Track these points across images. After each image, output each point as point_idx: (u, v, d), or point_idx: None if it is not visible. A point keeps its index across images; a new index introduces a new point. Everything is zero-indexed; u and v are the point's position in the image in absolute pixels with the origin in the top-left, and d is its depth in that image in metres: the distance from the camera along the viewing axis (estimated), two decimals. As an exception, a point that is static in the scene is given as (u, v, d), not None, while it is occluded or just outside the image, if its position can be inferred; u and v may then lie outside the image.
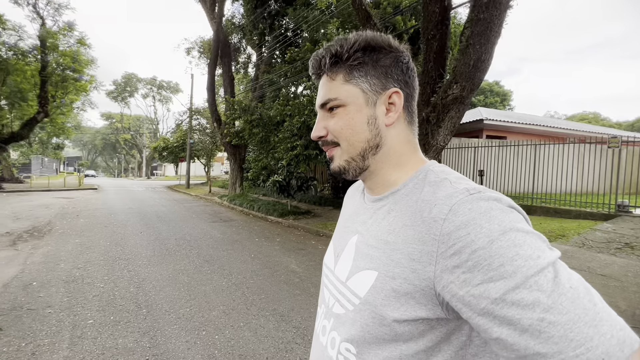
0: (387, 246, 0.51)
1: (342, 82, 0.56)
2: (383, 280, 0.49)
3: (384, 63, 0.56)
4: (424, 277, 0.45)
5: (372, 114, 0.56)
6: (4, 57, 15.48)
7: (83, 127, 52.68)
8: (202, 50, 17.91)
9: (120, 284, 3.90)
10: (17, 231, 6.71)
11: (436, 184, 0.51)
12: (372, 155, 0.57)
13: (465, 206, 0.44)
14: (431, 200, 0.48)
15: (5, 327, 2.81)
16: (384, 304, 0.48)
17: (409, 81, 0.58)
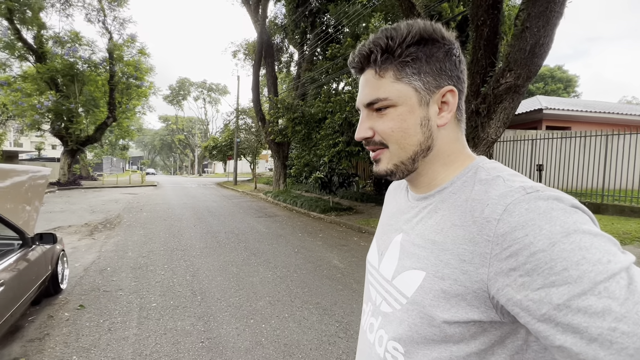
0: (434, 246, 0.49)
1: (392, 80, 0.52)
2: (431, 280, 0.48)
3: (438, 57, 0.52)
4: (476, 279, 0.43)
5: (425, 115, 0.52)
6: (81, 69, 17.59)
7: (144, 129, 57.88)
8: (247, 52, 18.66)
9: (178, 272, 4.27)
10: (94, 223, 7.64)
11: (488, 182, 0.48)
12: (423, 158, 0.54)
13: (521, 206, 0.41)
14: (483, 200, 0.46)
15: (87, 305, 3.24)
16: (432, 304, 0.47)
17: (461, 76, 0.54)
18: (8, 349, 2.47)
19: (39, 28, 16.43)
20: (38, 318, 2.95)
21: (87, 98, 18.11)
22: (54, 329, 2.78)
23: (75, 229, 6.84)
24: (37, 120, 17.02)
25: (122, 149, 34.42)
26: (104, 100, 18.92)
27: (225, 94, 55.35)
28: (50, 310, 3.12)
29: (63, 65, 16.71)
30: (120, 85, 19.00)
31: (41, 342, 2.58)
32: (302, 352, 2.51)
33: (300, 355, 2.47)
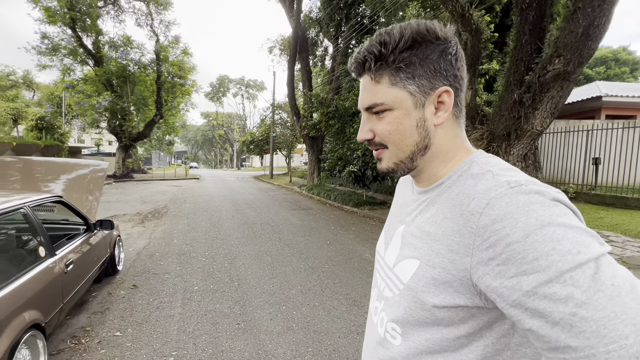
0: (428, 237, 0.53)
1: (387, 86, 0.54)
2: (424, 268, 0.52)
3: (432, 59, 0.53)
4: (461, 268, 0.47)
5: (421, 116, 0.54)
6: (132, 71, 19.05)
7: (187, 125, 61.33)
8: (282, 48, 18.96)
9: (217, 259, 4.58)
10: (144, 212, 8.35)
11: (478, 176, 0.51)
12: (421, 157, 0.57)
13: (502, 200, 0.44)
14: (471, 194, 0.49)
15: (139, 285, 3.60)
16: (424, 290, 0.51)
17: (458, 73, 0.55)
18: (76, 318, 2.85)
19: (97, 34, 18.02)
20: (99, 294, 3.35)
21: (138, 97, 19.61)
22: (112, 304, 3.15)
23: (129, 218, 7.54)
24: (96, 118, 18.78)
25: (168, 144, 36.85)
26: (152, 99, 20.35)
27: (262, 90, 56.77)
28: (109, 288, 3.52)
29: (117, 67, 18.21)
30: (166, 85, 20.30)
31: (102, 314, 2.94)
32: (330, 339, 2.60)
33: (329, 342, 2.57)
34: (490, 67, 8.70)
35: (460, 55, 0.55)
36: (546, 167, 9.28)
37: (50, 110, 19.49)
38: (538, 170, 5.36)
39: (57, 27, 16.66)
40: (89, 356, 2.34)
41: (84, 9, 16.55)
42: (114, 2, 18.44)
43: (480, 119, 5.50)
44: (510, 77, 5.00)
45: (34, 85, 28.82)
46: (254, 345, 2.52)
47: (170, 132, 25.69)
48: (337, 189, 12.66)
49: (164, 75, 19.90)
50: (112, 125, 19.14)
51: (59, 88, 20.89)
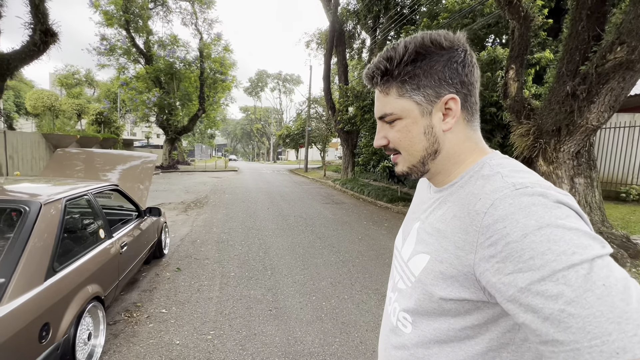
0: (439, 234, 0.57)
1: (395, 97, 0.59)
2: (433, 263, 0.56)
3: (437, 69, 0.57)
4: (465, 264, 0.50)
5: (428, 123, 0.58)
6: (178, 68, 20.20)
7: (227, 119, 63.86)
8: (319, 41, 18.97)
9: (252, 249, 4.80)
10: (187, 201, 8.93)
11: (488, 177, 0.53)
12: (432, 161, 0.61)
13: (506, 201, 0.47)
14: (478, 194, 0.52)
15: (182, 269, 3.91)
16: (432, 283, 0.55)
17: (466, 79, 0.58)
18: (129, 295, 3.18)
19: (148, 34, 19.31)
20: (148, 275, 3.69)
21: (183, 93, 20.80)
22: (159, 284, 3.46)
23: (174, 206, 8.11)
24: (146, 113, 20.26)
25: (209, 137, 38.71)
26: (195, 95, 21.46)
27: (298, 84, 57.38)
28: (157, 269, 3.86)
29: (165, 65, 19.42)
30: (209, 80, 21.28)
31: (151, 293, 3.24)
32: (358, 332, 2.66)
33: (356, 334, 2.62)
34: (542, 56, 8.04)
35: (468, 61, 0.58)
36: (604, 166, 8.44)
37: (107, 105, 21.36)
38: (592, 169, 4.90)
39: (113, 29, 18.13)
40: (140, 329, 2.61)
41: (136, 11, 17.81)
42: (162, 3, 19.60)
43: (527, 114, 5.14)
44: (562, 67, 4.61)
45: (94, 83, 31.70)
46: (284, 331, 2.64)
47: (211, 125, 26.96)
48: (371, 184, 12.55)
49: (206, 71, 20.87)
50: (160, 119, 20.52)
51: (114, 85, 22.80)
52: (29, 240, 1.76)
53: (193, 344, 2.44)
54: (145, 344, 2.42)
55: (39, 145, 12.55)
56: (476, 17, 9.78)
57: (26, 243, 1.74)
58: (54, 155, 4.34)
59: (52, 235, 1.93)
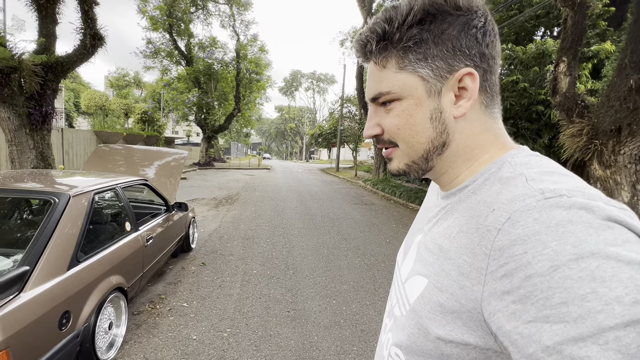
0: (440, 252, 0.44)
1: (394, 71, 0.45)
2: (431, 290, 0.43)
3: (451, 34, 0.43)
4: (471, 297, 0.37)
5: (436, 106, 0.45)
6: (216, 69, 21.00)
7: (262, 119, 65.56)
8: (353, 40, 18.74)
9: (276, 247, 4.79)
10: (219, 197, 9.21)
11: (507, 180, 0.40)
12: (437, 156, 0.47)
13: (529, 215, 0.33)
14: (492, 203, 0.39)
15: (207, 263, 3.98)
16: (429, 317, 0.42)
17: (487, 51, 0.44)
18: (155, 286, 3.28)
19: (189, 37, 20.27)
20: (175, 267, 3.79)
21: (220, 93, 21.59)
22: (184, 277, 3.54)
23: (206, 202, 8.39)
24: (186, 112, 21.28)
25: (245, 136, 39.93)
26: (232, 95, 22.19)
27: (332, 84, 57.43)
28: (183, 263, 3.96)
29: (204, 66, 20.28)
30: (244, 80, 21.90)
31: (175, 285, 3.32)
32: (377, 341, 2.50)
33: (375, 344, 2.47)
34: (600, 48, 7.24)
35: (490, 28, 0.44)
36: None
37: (151, 105, 22.75)
38: (660, 175, 4.29)
39: (158, 33, 19.25)
40: (161, 320, 2.67)
41: (179, 15, 18.76)
42: (203, 7, 20.47)
43: (580, 111, 4.62)
44: (625, 58, 4.07)
45: (141, 84, 34.02)
46: (301, 334, 2.56)
47: (246, 124, 27.76)
48: (403, 185, 12.14)
49: (242, 71, 21.49)
50: (198, 118, 21.48)
51: (159, 86, 24.22)
52: (55, 231, 1.83)
53: (209, 340, 2.44)
54: (164, 336, 2.46)
55: (91, 141, 13.65)
56: (524, 7, 9.05)
57: (52, 233, 1.81)
58: (95, 151, 4.62)
59: (78, 226, 2.00)
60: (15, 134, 5.61)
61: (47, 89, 5.83)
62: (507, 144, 0.47)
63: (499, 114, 0.48)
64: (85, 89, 28.01)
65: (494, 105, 0.47)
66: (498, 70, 0.47)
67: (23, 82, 5.45)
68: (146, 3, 18.11)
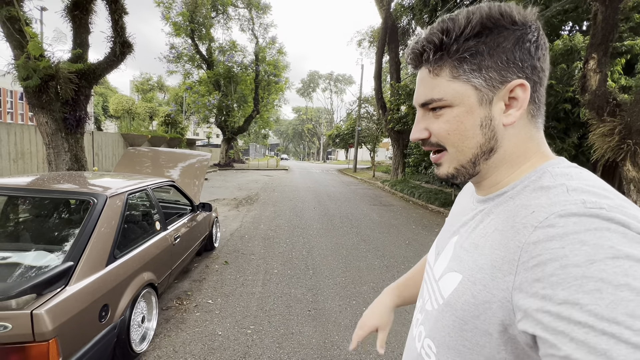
0: (476, 250, 0.47)
1: (448, 79, 0.48)
2: (465, 284, 0.47)
3: (505, 47, 0.46)
4: (502, 287, 0.41)
5: (487, 114, 0.48)
6: (235, 72, 21.44)
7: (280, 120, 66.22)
8: (371, 39, 18.65)
9: (296, 247, 4.86)
10: (239, 198, 9.41)
11: (548, 189, 0.42)
12: (485, 161, 0.50)
13: (569, 219, 0.36)
14: (531, 206, 0.42)
15: (230, 262, 4.10)
16: (463, 308, 0.46)
17: (538, 64, 0.47)
18: (182, 283, 3.42)
19: (210, 41, 20.81)
20: (199, 266, 3.93)
21: (239, 95, 22.04)
22: (208, 275, 3.67)
23: (227, 202, 8.61)
24: (207, 115, 21.85)
25: (263, 137, 40.46)
26: (250, 97, 22.60)
27: (350, 84, 57.24)
28: (207, 261, 4.10)
29: (224, 69, 20.76)
30: (263, 83, 22.25)
31: (200, 283, 3.45)
32: (398, 342, 2.51)
33: (396, 345, 2.48)
34: (634, 43, 6.89)
35: (542, 43, 0.47)
36: None
37: (174, 108, 23.54)
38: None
39: (181, 38, 19.88)
40: (188, 316, 2.78)
41: (201, 21, 19.30)
42: (223, 12, 20.96)
43: (612, 110, 4.43)
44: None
45: (164, 88, 35.21)
46: (322, 333, 2.61)
47: (265, 126, 28.14)
48: (422, 186, 11.96)
49: (261, 74, 21.85)
50: (219, 120, 22.00)
51: (181, 89, 25.00)
52: (95, 229, 1.97)
53: (234, 336, 2.53)
54: (191, 331, 2.57)
55: (118, 143, 14.27)
56: (550, 2, 8.73)
57: (92, 232, 1.95)
58: (125, 153, 4.85)
59: (114, 225, 2.13)
60: (52, 138, 5.97)
61: (80, 95, 6.17)
62: (547, 153, 0.50)
63: (542, 125, 0.51)
64: (113, 94, 29.28)
65: (539, 116, 0.50)
66: (546, 82, 0.49)
67: (59, 89, 5.81)
68: (170, 10, 18.74)
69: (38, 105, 5.68)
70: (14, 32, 5.24)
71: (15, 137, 9.91)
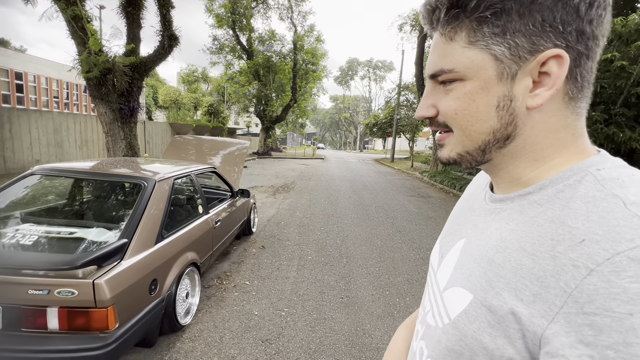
0: (490, 267, 0.39)
1: (463, 45, 0.38)
2: (477, 308, 0.38)
3: (544, 4, 0.34)
4: (529, 329, 0.33)
5: (507, 93, 0.38)
6: (274, 61, 21.72)
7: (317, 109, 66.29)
8: (413, 23, 17.78)
9: (330, 235, 4.91)
10: (276, 185, 9.67)
11: (596, 201, 0.33)
12: (498, 149, 0.41)
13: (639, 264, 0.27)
14: (577, 229, 0.32)
15: (266, 247, 4.26)
16: (475, 337, 0.38)
17: (588, 29, 0.35)
18: (222, 264, 3.62)
19: (250, 32, 21.23)
20: (238, 249, 4.13)
21: (278, 85, 22.36)
22: (246, 258, 3.84)
23: (264, 189, 8.88)
24: (246, 104, 22.50)
25: (300, 126, 40.93)
26: (288, 86, 22.82)
27: (390, 71, 55.46)
28: (245, 245, 4.29)
29: (263, 59, 21.13)
30: (301, 71, 22.33)
31: (239, 265, 3.63)
32: (432, 336, 2.46)
33: None
34: None
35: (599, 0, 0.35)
36: None
37: (217, 98, 24.52)
38: None
39: (223, 30, 20.51)
40: (227, 295, 2.96)
41: (241, 12, 19.71)
42: (263, 1, 21.19)
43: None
44: None
45: (208, 79, 36.77)
46: (354, 321, 2.63)
47: (302, 115, 28.37)
48: (465, 177, 11.38)
49: (299, 63, 21.92)
50: (258, 110, 22.58)
51: (223, 80, 25.92)
52: (145, 210, 2.14)
53: (269, 317, 2.64)
54: (230, 309, 2.73)
55: (166, 132, 15.27)
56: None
57: (143, 212, 2.12)
58: (172, 141, 5.18)
59: (162, 207, 2.30)
60: (110, 127, 6.54)
61: (133, 87, 6.65)
62: (586, 147, 0.40)
63: (584, 110, 0.40)
64: (161, 85, 31.20)
65: (582, 99, 0.39)
66: (598, 55, 0.37)
67: (115, 82, 6.30)
68: (212, 2, 19.34)
69: (98, 97, 6.24)
70: (77, 30, 5.75)
71: (80, 126, 11.00)
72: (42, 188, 2.90)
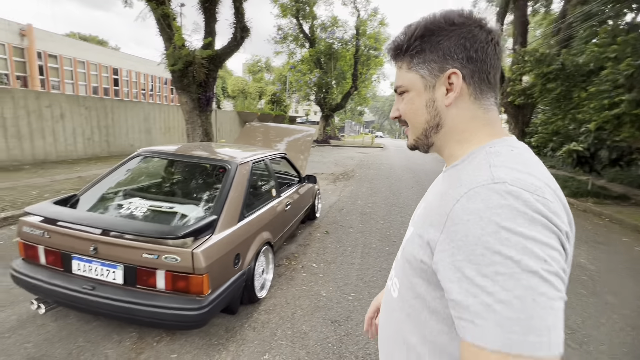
0: (425, 210, 0.62)
1: (405, 70, 0.63)
2: (415, 236, 0.60)
3: (443, 45, 0.58)
4: (432, 238, 0.54)
5: (431, 97, 0.61)
6: (336, 48, 21.56)
7: (377, 96, 64.48)
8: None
9: (394, 225, 4.81)
10: (336, 173, 9.74)
11: (478, 165, 0.54)
12: (435, 134, 0.64)
13: (479, 195, 0.48)
14: (461, 180, 0.53)
15: (330, 232, 4.34)
16: (412, 252, 0.60)
17: (475, 55, 0.58)
18: (289, 246, 3.80)
19: (312, 19, 21.29)
20: (304, 232, 4.29)
21: (339, 72, 22.20)
22: (311, 241, 3.98)
23: (325, 176, 9.02)
24: (307, 93, 22.84)
25: (359, 114, 40.35)
26: (349, 73, 22.53)
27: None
28: (310, 229, 4.44)
29: (325, 46, 21.10)
30: (362, 58, 21.82)
31: (305, 247, 3.78)
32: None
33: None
34: None
35: (480, 39, 0.58)
36: None
37: (279, 87, 25.35)
38: None
39: (286, 19, 20.91)
40: (296, 275, 3.10)
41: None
42: (326, -14, 21.01)
43: None
44: None
45: (271, 69, 38.11)
46: (423, 313, 2.56)
47: (361, 102, 27.94)
48: (544, 171, 10.12)
49: (361, 48, 21.42)
50: (318, 97, 22.78)
51: (285, 69, 26.64)
52: (230, 191, 2.33)
53: (336, 299, 2.71)
54: (299, 288, 2.87)
55: (234, 120, 16.34)
56: None
57: (228, 192, 2.31)
58: (244, 129, 5.51)
59: (243, 188, 2.48)
60: (189, 115, 7.21)
61: (209, 78, 7.20)
62: (494, 132, 0.60)
63: (492, 106, 0.61)
64: (230, 76, 33.28)
65: (484, 98, 0.60)
66: (494, 70, 0.59)
67: (194, 73, 6.89)
68: (278, -8, 19.78)
69: (180, 88, 6.89)
70: (165, 27, 6.38)
71: (163, 115, 12.35)
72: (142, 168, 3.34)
